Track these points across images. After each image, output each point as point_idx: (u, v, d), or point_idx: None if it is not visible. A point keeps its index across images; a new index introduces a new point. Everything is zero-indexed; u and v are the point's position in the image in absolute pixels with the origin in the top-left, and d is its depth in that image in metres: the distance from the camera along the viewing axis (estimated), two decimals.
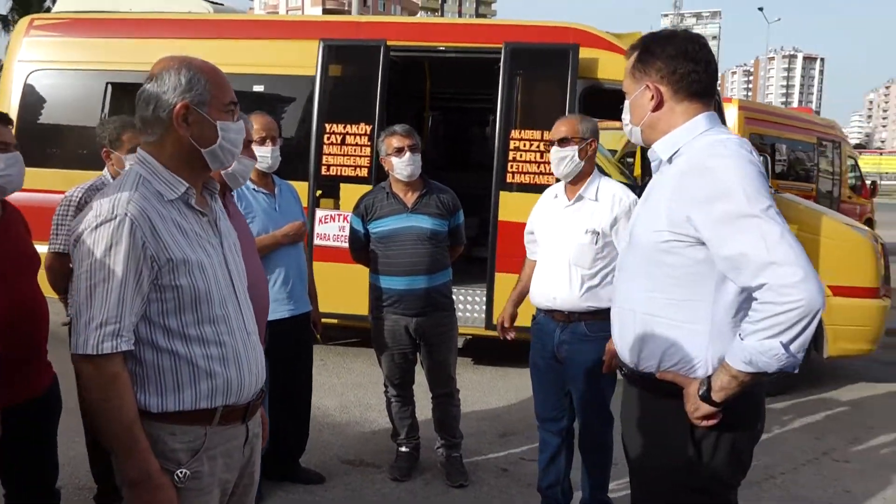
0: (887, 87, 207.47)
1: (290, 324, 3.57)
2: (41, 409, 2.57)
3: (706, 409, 1.84)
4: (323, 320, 4.05)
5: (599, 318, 3.16)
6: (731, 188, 1.75)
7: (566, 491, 3.57)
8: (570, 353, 3.30)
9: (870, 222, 13.60)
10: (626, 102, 2.08)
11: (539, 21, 6.01)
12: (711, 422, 1.86)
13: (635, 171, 11.94)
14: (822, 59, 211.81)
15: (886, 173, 41.58)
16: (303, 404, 3.88)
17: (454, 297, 4.11)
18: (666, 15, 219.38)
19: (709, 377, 1.84)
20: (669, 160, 1.96)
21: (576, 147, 3.27)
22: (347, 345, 6.55)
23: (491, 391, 5.52)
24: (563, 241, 3.29)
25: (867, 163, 33.41)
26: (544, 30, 5.88)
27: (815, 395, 5.69)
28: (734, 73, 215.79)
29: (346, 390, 5.47)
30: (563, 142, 3.28)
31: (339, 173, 5.85)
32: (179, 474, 1.74)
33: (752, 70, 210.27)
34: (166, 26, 6.34)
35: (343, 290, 5.18)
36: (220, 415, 1.81)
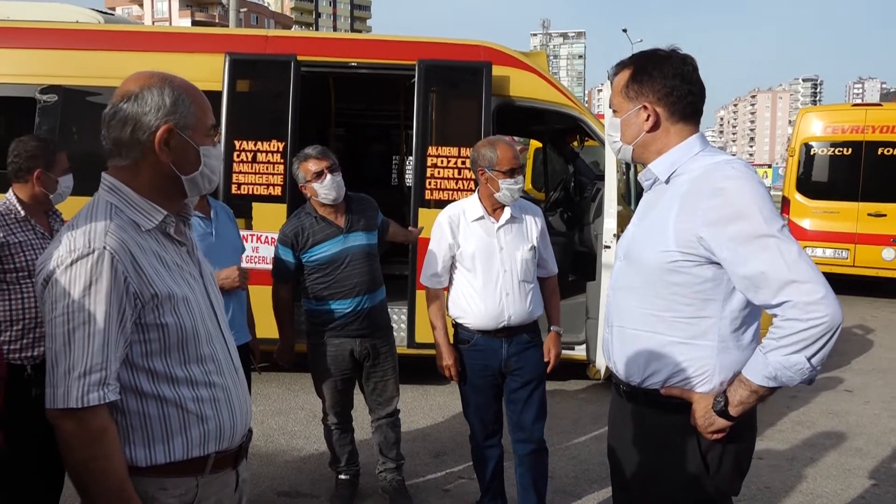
0: (735, 105, 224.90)
1: None
2: None
3: (722, 423, 1.88)
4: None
5: (534, 325, 3.42)
6: (747, 209, 1.79)
7: (504, 501, 3.64)
8: (519, 362, 3.39)
9: None
10: (613, 119, 2.08)
11: (451, 39, 6.06)
12: (721, 435, 1.90)
13: (526, 184, 12.32)
14: None
15: None
16: None
17: None
18: (535, 34, 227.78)
19: (724, 392, 1.88)
20: (667, 180, 1.99)
21: (522, 174, 3.38)
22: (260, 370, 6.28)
23: (416, 411, 5.46)
24: (507, 260, 3.33)
25: None
26: (456, 48, 5.93)
27: None
28: (600, 90, 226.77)
29: (267, 418, 5.24)
30: (517, 171, 3.31)
31: (250, 192, 5.62)
32: None
33: None
34: (52, 37, 5.87)
35: (256, 314, 4.96)
36: (213, 462, 1.66)
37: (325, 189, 3.60)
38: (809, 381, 1.80)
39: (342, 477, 3.93)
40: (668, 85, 1.96)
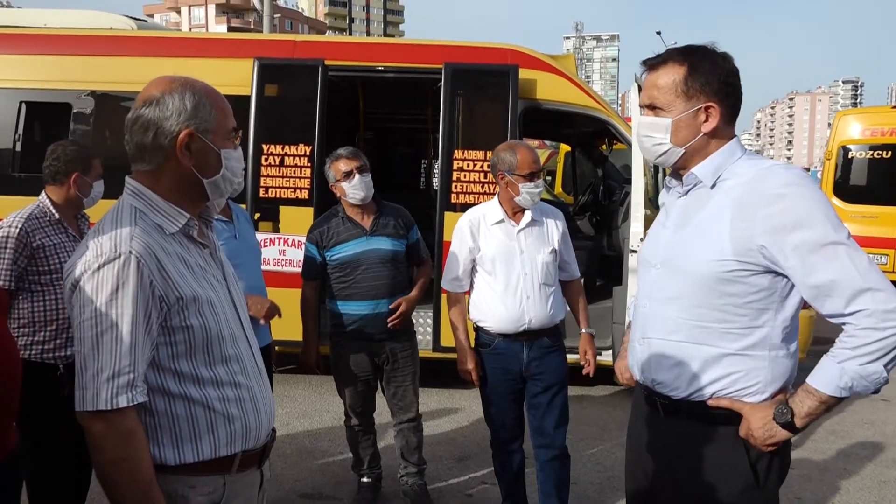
0: (772, 108, 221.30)
1: None
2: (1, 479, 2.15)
3: (784, 435, 1.81)
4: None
5: (555, 329, 3.42)
6: (811, 216, 1.73)
7: None
8: (540, 367, 3.37)
9: None
10: (657, 119, 1.93)
11: (478, 42, 6.05)
12: (776, 447, 1.84)
13: (556, 187, 12.25)
14: None
15: None
16: None
17: None
18: (568, 37, 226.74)
19: (787, 403, 1.80)
20: (712, 185, 1.90)
21: (543, 178, 3.38)
22: (286, 372, 6.32)
23: (441, 415, 5.45)
24: (527, 263, 3.32)
25: None
26: (483, 51, 5.91)
27: None
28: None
29: (292, 420, 5.27)
30: (537, 175, 3.31)
31: (278, 195, 5.67)
32: None
33: None
34: (87, 43, 6.00)
35: (284, 316, 4.99)
36: (239, 461, 1.68)
37: (353, 189, 3.63)
38: (877, 391, 1.75)
39: (364, 480, 3.94)
40: (729, 84, 1.88)
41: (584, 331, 3.52)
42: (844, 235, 1.72)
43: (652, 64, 1.95)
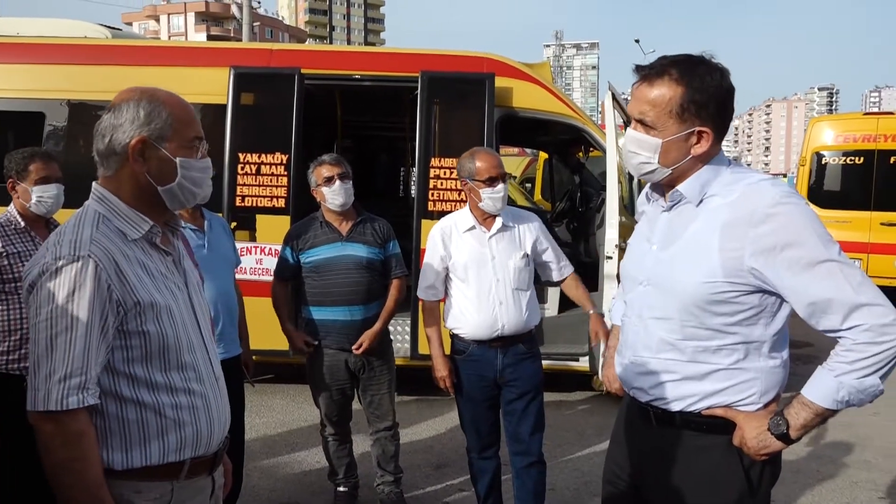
0: (750, 115, 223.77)
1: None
2: None
3: (778, 445, 1.81)
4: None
5: (530, 336, 3.43)
6: (803, 235, 1.72)
7: None
8: (514, 373, 3.38)
9: None
10: (647, 137, 1.87)
11: (454, 50, 6.09)
12: (769, 456, 1.85)
13: (535, 195, 12.30)
14: None
15: None
16: (236, 449, 3.67)
17: None
18: (548, 45, 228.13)
19: (782, 413, 1.80)
20: (698, 203, 1.88)
21: (506, 183, 3.38)
22: (265, 381, 6.29)
23: (418, 422, 5.45)
24: (499, 269, 3.34)
25: None
26: (459, 59, 5.95)
27: None
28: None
29: (270, 429, 5.25)
30: (498, 180, 3.30)
31: (254, 204, 5.65)
32: None
33: (629, 98, 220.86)
34: (59, 51, 5.96)
35: (261, 326, 4.98)
36: (188, 468, 1.69)
37: (333, 194, 3.66)
38: (871, 401, 1.77)
39: (340, 489, 3.93)
40: (725, 106, 1.84)
41: (591, 312, 3.48)
42: (836, 252, 1.72)
43: (646, 75, 1.86)
